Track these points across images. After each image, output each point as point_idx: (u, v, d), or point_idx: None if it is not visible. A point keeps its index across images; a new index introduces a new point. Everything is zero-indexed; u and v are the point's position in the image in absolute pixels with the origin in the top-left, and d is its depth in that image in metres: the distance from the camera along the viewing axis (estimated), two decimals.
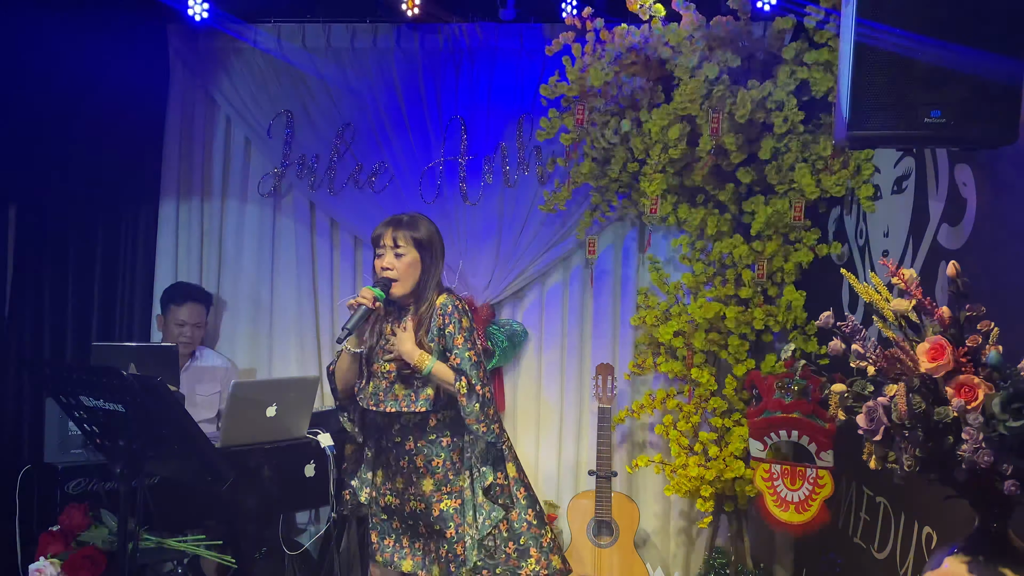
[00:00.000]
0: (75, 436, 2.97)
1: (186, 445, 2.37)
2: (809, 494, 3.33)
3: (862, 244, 3.31)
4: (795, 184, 3.57)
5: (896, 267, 1.84)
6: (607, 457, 3.85)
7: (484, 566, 2.72)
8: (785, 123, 3.46)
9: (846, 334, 1.86)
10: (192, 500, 3.09)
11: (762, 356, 3.89)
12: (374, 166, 4.27)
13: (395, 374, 2.73)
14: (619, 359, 4.18)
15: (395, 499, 2.82)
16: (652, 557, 4.19)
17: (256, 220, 4.36)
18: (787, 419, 3.30)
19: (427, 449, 2.76)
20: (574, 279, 4.29)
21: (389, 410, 2.73)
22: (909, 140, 2.08)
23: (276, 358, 4.35)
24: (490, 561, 2.73)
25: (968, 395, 1.64)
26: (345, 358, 2.78)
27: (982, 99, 1.95)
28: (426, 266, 2.78)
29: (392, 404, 2.73)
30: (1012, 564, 1.69)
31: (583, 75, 3.64)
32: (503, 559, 2.75)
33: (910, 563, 2.71)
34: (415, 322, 2.75)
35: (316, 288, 4.36)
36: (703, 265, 3.92)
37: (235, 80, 4.30)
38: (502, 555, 2.75)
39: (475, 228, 4.23)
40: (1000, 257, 2.27)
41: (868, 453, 1.83)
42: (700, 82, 3.42)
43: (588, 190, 3.98)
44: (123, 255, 4.37)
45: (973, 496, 1.74)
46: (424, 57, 4.23)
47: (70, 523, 2.82)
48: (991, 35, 1.93)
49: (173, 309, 3.95)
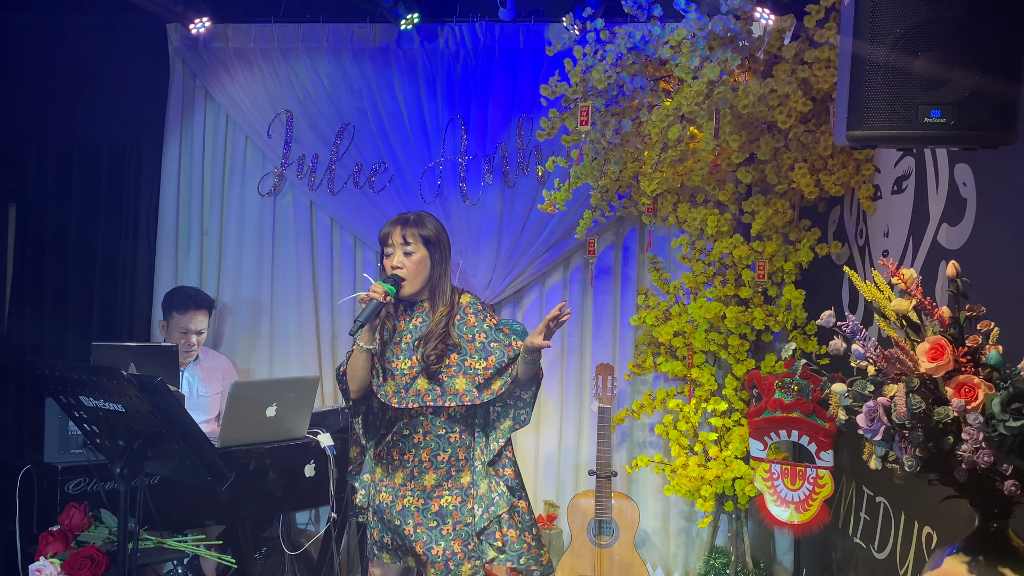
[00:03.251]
0: (75, 436, 2.97)
1: (186, 445, 2.37)
2: (809, 494, 3.33)
3: (862, 244, 3.30)
4: (795, 184, 3.57)
5: (896, 267, 1.84)
6: (607, 457, 3.86)
7: (508, 557, 2.77)
8: (789, 118, 3.44)
9: (846, 334, 1.86)
10: (192, 500, 3.09)
11: (762, 356, 3.89)
12: (374, 166, 4.28)
13: (416, 369, 2.74)
14: (619, 359, 4.18)
15: (388, 496, 2.82)
16: (652, 557, 4.19)
17: (256, 220, 4.37)
18: (787, 419, 3.30)
19: (435, 443, 2.77)
20: (574, 279, 4.30)
21: (411, 406, 2.74)
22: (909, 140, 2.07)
23: (276, 358, 4.35)
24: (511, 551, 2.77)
25: (968, 395, 1.64)
26: (358, 356, 2.78)
27: (982, 99, 1.95)
28: (435, 263, 2.80)
29: (414, 400, 2.73)
30: (1012, 564, 1.69)
31: (584, 76, 3.64)
32: (525, 548, 2.79)
33: (910, 563, 2.71)
34: (435, 320, 2.76)
35: (316, 288, 4.36)
36: (703, 265, 3.92)
37: (235, 80, 4.30)
38: (524, 544, 2.79)
39: (475, 228, 4.23)
40: (1000, 257, 2.27)
41: (868, 453, 1.83)
42: (702, 84, 3.42)
43: (588, 190, 3.98)
44: (123, 255, 4.37)
45: (973, 496, 1.74)
46: (424, 57, 4.24)
47: (70, 523, 2.82)
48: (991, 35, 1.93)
49: (176, 316, 3.88)
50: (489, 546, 2.77)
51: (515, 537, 2.79)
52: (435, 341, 2.72)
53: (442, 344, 2.73)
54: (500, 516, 2.78)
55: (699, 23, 3.47)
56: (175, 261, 4.37)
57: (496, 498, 2.78)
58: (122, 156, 4.39)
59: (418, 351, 2.74)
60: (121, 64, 4.29)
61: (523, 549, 2.79)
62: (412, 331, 2.78)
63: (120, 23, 4.26)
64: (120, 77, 4.29)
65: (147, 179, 4.39)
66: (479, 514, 2.77)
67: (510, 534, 2.79)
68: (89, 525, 2.84)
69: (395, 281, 2.73)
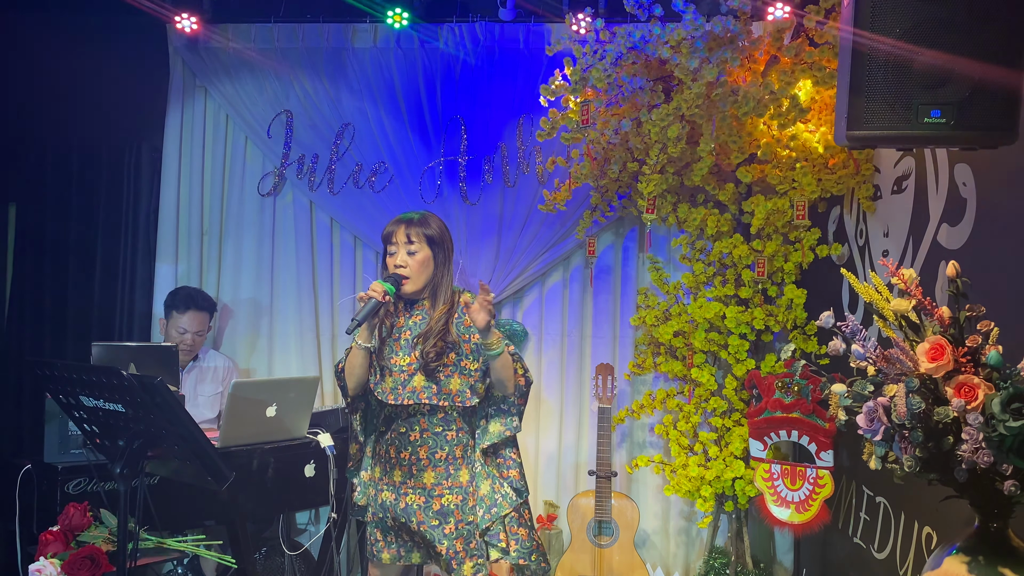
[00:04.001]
0: (75, 436, 2.97)
1: (186, 445, 2.37)
2: (809, 494, 3.33)
3: (862, 244, 3.30)
4: (795, 184, 3.57)
5: (896, 267, 1.84)
6: (607, 457, 3.85)
7: (519, 555, 2.77)
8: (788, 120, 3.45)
9: (846, 334, 1.86)
10: (192, 500, 3.09)
11: (762, 356, 3.89)
12: (374, 166, 4.28)
13: (415, 366, 2.74)
14: (619, 359, 4.18)
15: (391, 494, 2.82)
16: (652, 557, 4.19)
17: (256, 220, 4.37)
18: (787, 419, 3.30)
19: (432, 441, 2.77)
20: (574, 279, 4.30)
21: (407, 403, 2.74)
22: (909, 140, 2.08)
23: (276, 358, 4.35)
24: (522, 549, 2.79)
25: (968, 395, 1.64)
26: (357, 354, 2.78)
27: (982, 99, 1.95)
28: (438, 263, 2.80)
29: (410, 396, 2.74)
30: (1012, 564, 1.69)
31: (584, 76, 3.64)
32: (534, 546, 2.81)
33: (910, 563, 2.71)
34: (435, 318, 2.76)
35: (316, 288, 4.36)
36: (703, 265, 3.92)
37: (235, 80, 4.30)
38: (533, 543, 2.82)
39: (475, 228, 4.23)
40: (1000, 257, 2.27)
41: (868, 453, 1.84)
42: (703, 85, 3.42)
43: (588, 190, 3.98)
44: (123, 255, 4.37)
45: (973, 496, 1.74)
46: (424, 57, 4.24)
47: (70, 523, 2.82)
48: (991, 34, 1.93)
49: (175, 315, 3.90)
50: (492, 546, 2.78)
51: (525, 536, 2.81)
52: (434, 339, 2.72)
53: (441, 342, 2.73)
54: (505, 516, 2.79)
55: (695, 23, 3.47)
56: (175, 261, 4.36)
57: (499, 499, 2.78)
58: (122, 156, 4.39)
59: (417, 348, 2.74)
60: (121, 64, 4.29)
61: (533, 547, 2.81)
62: (411, 328, 2.78)
63: (120, 23, 4.26)
64: (120, 77, 4.29)
65: (147, 179, 4.39)
66: (480, 514, 2.77)
67: (520, 533, 2.80)
68: (89, 525, 2.84)
69: (395, 280, 2.73)
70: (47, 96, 4.29)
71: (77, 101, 4.30)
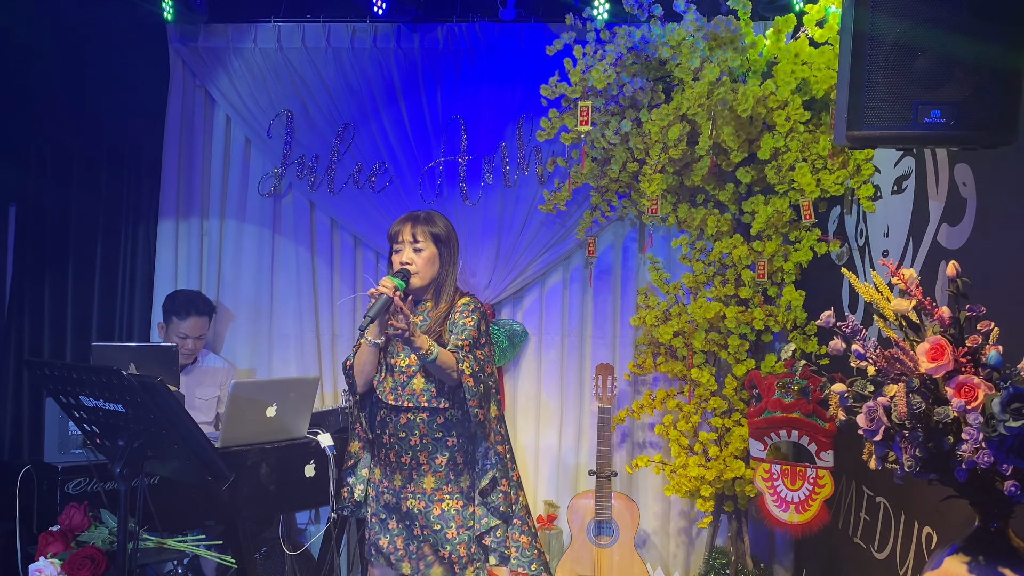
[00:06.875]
0: (75, 436, 2.97)
1: (186, 445, 2.37)
2: (809, 494, 3.33)
3: (862, 244, 3.30)
4: (795, 184, 3.57)
5: (896, 267, 1.84)
6: (607, 457, 3.85)
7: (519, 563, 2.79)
8: (788, 121, 3.46)
9: (846, 334, 1.86)
10: (192, 500, 3.09)
11: (762, 356, 3.89)
12: (374, 166, 4.28)
13: (414, 368, 2.74)
14: (619, 359, 4.18)
15: (392, 497, 2.82)
16: (652, 557, 4.19)
17: (256, 220, 4.36)
18: (787, 419, 3.30)
19: (431, 446, 2.77)
20: (574, 279, 4.30)
21: (406, 404, 2.74)
22: (909, 140, 2.08)
23: (276, 358, 4.35)
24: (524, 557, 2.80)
25: (968, 395, 1.64)
26: (365, 351, 2.79)
27: (982, 99, 1.95)
28: (444, 261, 2.82)
29: (409, 399, 2.74)
30: (1012, 564, 1.69)
31: (584, 76, 3.64)
32: (535, 555, 2.82)
33: (910, 563, 2.71)
34: (435, 318, 2.77)
35: (316, 288, 4.36)
36: (703, 265, 3.91)
37: (235, 80, 4.30)
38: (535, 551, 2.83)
39: (475, 228, 4.23)
40: (1000, 257, 2.27)
41: (868, 453, 1.83)
42: (703, 85, 3.42)
43: (588, 190, 3.98)
44: (123, 255, 4.37)
45: (973, 496, 1.74)
46: (424, 57, 4.24)
47: (70, 523, 2.82)
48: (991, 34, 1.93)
49: (176, 321, 3.87)
50: (492, 552, 2.78)
51: (527, 543, 2.81)
52: (432, 338, 2.73)
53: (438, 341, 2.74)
54: (506, 522, 2.79)
55: (696, 23, 3.47)
56: (175, 261, 4.36)
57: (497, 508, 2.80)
58: (122, 156, 4.38)
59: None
60: (121, 64, 4.29)
61: (534, 555, 2.82)
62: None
63: (120, 23, 4.26)
64: (120, 77, 4.29)
65: (147, 179, 4.39)
66: (479, 518, 2.77)
67: (522, 540, 2.80)
68: (89, 525, 2.84)
69: (404, 275, 2.74)
70: (47, 96, 4.29)
71: (77, 101, 4.30)
